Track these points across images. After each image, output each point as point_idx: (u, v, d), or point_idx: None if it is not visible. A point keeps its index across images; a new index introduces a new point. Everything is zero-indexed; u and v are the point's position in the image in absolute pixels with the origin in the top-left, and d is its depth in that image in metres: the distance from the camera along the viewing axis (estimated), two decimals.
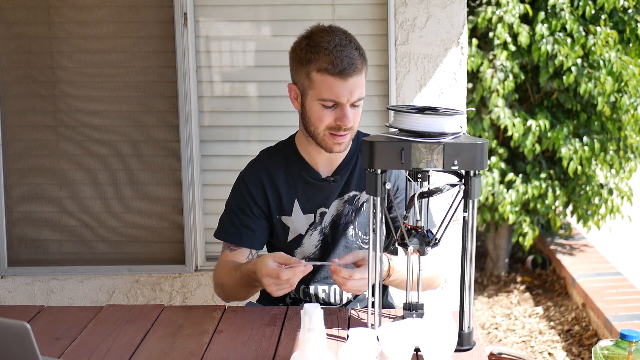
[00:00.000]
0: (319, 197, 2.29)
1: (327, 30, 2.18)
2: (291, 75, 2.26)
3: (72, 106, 3.52)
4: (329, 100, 2.14)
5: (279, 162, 2.32)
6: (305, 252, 2.33)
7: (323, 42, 2.13)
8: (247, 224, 2.29)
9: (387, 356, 1.65)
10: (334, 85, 2.12)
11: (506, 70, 4.28)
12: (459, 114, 1.84)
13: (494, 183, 4.44)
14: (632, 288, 4.27)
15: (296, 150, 2.32)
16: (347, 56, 2.11)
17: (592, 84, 4.18)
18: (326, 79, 2.12)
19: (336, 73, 2.10)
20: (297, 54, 2.21)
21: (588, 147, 4.38)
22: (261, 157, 2.37)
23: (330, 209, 2.29)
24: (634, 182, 4.99)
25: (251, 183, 2.31)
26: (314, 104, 2.17)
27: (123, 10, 3.48)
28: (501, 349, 3.12)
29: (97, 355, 1.86)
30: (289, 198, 2.29)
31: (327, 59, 2.11)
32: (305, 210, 2.29)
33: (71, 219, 3.58)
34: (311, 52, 2.15)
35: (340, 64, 2.10)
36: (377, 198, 1.83)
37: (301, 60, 2.18)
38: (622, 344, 1.67)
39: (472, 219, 1.82)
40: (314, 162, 2.29)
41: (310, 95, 2.17)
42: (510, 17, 4.23)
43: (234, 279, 2.18)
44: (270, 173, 2.30)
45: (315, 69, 2.13)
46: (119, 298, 3.57)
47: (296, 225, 2.30)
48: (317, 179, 2.29)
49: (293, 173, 2.30)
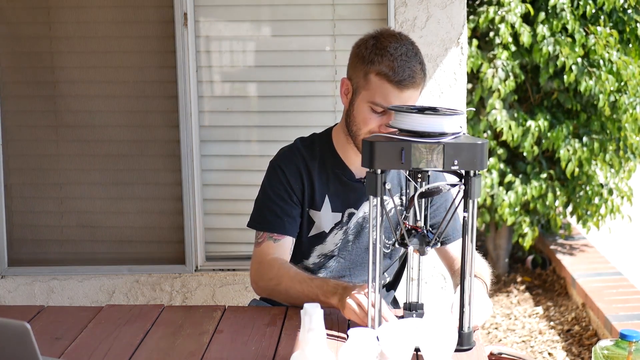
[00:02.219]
0: (350, 197, 2.26)
1: (396, 37, 2.14)
2: (348, 70, 2.21)
3: (72, 106, 3.52)
4: (380, 105, 2.11)
5: (315, 155, 2.27)
6: (325, 250, 2.30)
7: (390, 48, 2.10)
8: (288, 212, 2.23)
9: (387, 356, 1.65)
10: (390, 92, 2.09)
11: (507, 70, 4.28)
12: (459, 114, 1.84)
13: (492, 184, 4.43)
14: (632, 288, 4.26)
15: (332, 146, 2.28)
16: (410, 68, 2.08)
17: (592, 82, 4.18)
18: (383, 84, 2.09)
19: (395, 81, 2.08)
20: (361, 50, 2.16)
21: (588, 147, 4.38)
22: (296, 145, 2.31)
23: (358, 210, 2.27)
24: (634, 182, 4.99)
25: (289, 170, 2.25)
26: (363, 105, 2.14)
27: (123, 10, 3.48)
28: (501, 349, 3.12)
29: (97, 355, 1.86)
30: (321, 193, 2.25)
31: (390, 65, 2.08)
32: (335, 208, 2.26)
33: (71, 219, 3.58)
34: (375, 54, 2.11)
35: (402, 74, 2.07)
36: (376, 198, 1.83)
37: (363, 59, 2.13)
38: (622, 344, 1.67)
39: (472, 219, 1.82)
40: (349, 162, 2.26)
41: (363, 95, 2.14)
42: (512, 16, 4.23)
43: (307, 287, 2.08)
44: (307, 163, 2.26)
45: (376, 71, 2.10)
46: (119, 298, 3.57)
47: (322, 222, 2.27)
48: (351, 179, 2.26)
49: (327, 169, 2.26)
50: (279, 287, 2.15)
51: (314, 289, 2.06)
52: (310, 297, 2.05)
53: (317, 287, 2.06)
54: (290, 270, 2.17)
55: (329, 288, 2.03)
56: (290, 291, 2.12)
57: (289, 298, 2.14)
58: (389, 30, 2.19)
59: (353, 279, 2.32)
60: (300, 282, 2.11)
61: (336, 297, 1.99)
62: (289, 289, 2.12)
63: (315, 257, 2.32)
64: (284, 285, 2.13)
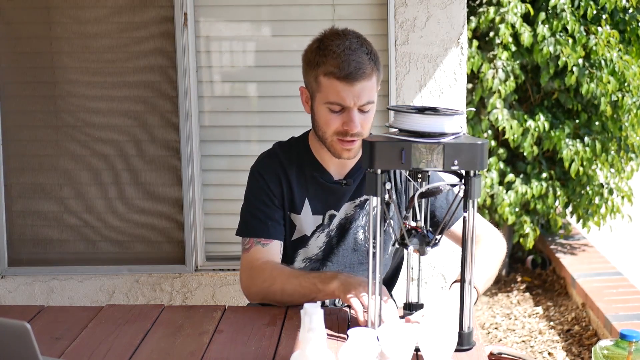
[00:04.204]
0: (330, 199, 2.27)
1: (339, 34, 2.15)
2: (303, 78, 2.23)
3: (72, 106, 3.52)
4: (336, 104, 2.12)
5: (293, 159, 2.29)
6: (309, 253, 2.31)
7: (332, 46, 2.11)
8: (271, 216, 2.24)
9: (387, 356, 1.65)
10: (341, 89, 2.10)
11: (507, 70, 4.28)
12: (459, 114, 1.84)
13: (492, 184, 4.43)
14: (632, 288, 4.26)
15: (309, 150, 2.29)
16: (355, 60, 2.09)
17: (594, 84, 4.18)
18: (332, 82, 2.11)
19: (342, 77, 2.09)
20: (307, 56, 2.18)
21: (589, 147, 4.38)
22: (275, 150, 2.33)
23: (339, 212, 2.28)
24: (634, 182, 4.98)
25: (268, 176, 2.26)
26: (321, 108, 2.16)
27: (123, 11, 3.48)
28: (501, 349, 3.11)
29: (97, 355, 1.86)
30: (301, 196, 2.26)
31: (334, 63, 2.09)
32: (315, 211, 2.27)
33: (71, 219, 3.58)
34: (320, 56, 2.13)
35: (347, 68, 2.08)
36: (377, 198, 1.83)
37: (310, 64, 2.16)
38: (622, 343, 1.67)
39: (472, 219, 1.82)
40: (326, 164, 2.27)
41: (318, 98, 2.16)
42: (512, 16, 4.23)
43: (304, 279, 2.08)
44: (285, 168, 2.27)
45: (323, 72, 2.12)
46: (119, 298, 3.57)
47: (303, 225, 2.28)
48: (329, 181, 2.27)
49: (305, 173, 2.27)
50: (273, 287, 2.14)
51: (311, 279, 2.07)
52: (307, 288, 2.06)
53: (314, 277, 2.07)
54: (284, 269, 2.17)
55: (327, 275, 2.05)
56: (286, 288, 2.11)
57: (284, 296, 2.13)
58: (332, 30, 2.19)
59: None
60: (296, 276, 2.11)
61: (335, 282, 2.00)
62: (285, 286, 2.11)
63: (300, 262, 2.32)
64: (279, 284, 2.13)
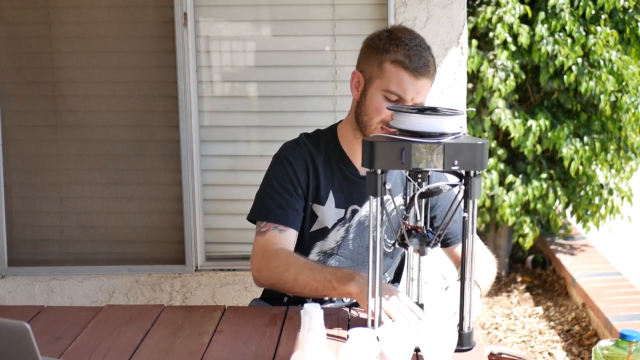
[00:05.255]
0: (354, 194, 2.26)
1: (409, 30, 2.20)
2: (359, 63, 2.23)
3: (72, 106, 3.52)
4: (395, 93, 2.13)
5: (320, 149, 2.27)
6: (325, 247, 2.29)
7: (404, 38, 2.14)
8: (292, 205, 2.22)
9: (387, 356, 1.65)
10: (405, 80, 2.12)
11: (507, 70, 4.28)
12: (459, 114, 1.84)
13: (492, 185, 4.43)
14: (632, 288, 4.26)
15: (338, 142, 2.28)
16: (424, 57, 2.13)
17: (593, 83, 4.18)
18: (399, 71, 2.12)
19: (411, 69, 2.11)
20: (374, 42, 2.18)
21: (589, 147, 4.38)
22: (302, 139, 2.31)
23: (361, 208, 2.27)
24: (634, 182, 4.99)
25: (296, 162, 2.24)
26: (377, 94, 2.16)
27: (123, 10, 3.48)
28: (501, 349, 3.11)
29: (97, 355, 1.86)
30: (326, 187, 2.25)
31: (405, 53, 2.11)
32: (339, 204, 2.26)
33: (71, 219, 3.58)
34: (390, 44, 2.14)
35: (417, 62, 2.11)
36: (376, 198, 1.83)
37: (378, 49, 2.16)
38: (622, 344, 1.67)
39: (472, 219, 1.82)
40: (354, 158, 2.27)
41: (377, 84, 2.16)
42: (510, 17, 4.23)
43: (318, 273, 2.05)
44: (313, 157, 2.26)
45: (391, 59, 2.13)
46: (119, 298, 3.57)
47: (325, 217, 2.26)
48: (355, 175, 2.26)
49: (332, 164, 2.26)
50: (285, 274, 2.10)
51: (326, 275, 2.03)
52: (321, 284, 2.03)
53: (330, 273, 2.03)
54: (299, 258, 2.13)
55: (344, 274, 2.01)
56: (299, 278, 2.07)
57: (295, 286, 2.09)
58: (402, 26, 2.24)
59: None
60: (310, 268, 2.07)
61: (353, 284, 1.97)
62: (298, 275, 2.07)
63: (315, 254, 2.30)
64: (293, 272, 2.08)
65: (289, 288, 2.13)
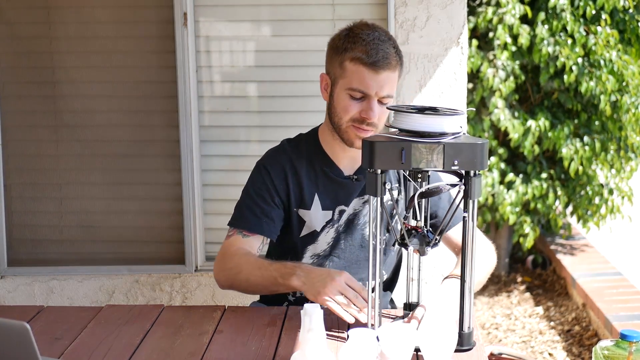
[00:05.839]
0: (340, 195, 2.27)
1: (369, 25, 2.19)
2: (325, 65, 2.25)
3: (72, 106, 3.52)
4: (358, 90, 2.13)
5: (302, 154, 2.29)
6: (317, 249, 2.30)
7: (362, 34, 2.14)
8: (267, 213, 2.24)
9: (387, 356, 1.65)
10: (366, 76, 2.12)
11: (507, 70, 4.28)
12: (459, 114, 1.84)
13: (493, 184, 4.43)
14: (632, 288, 4.26)
15: (319, 145, 2.29)
16: (383, 50, 2.12)
17: (593, 83, 4.18)
18: (358, 68, 2.12)
19: (369, 64, 2.11)
20: (335, 42, 2.20)
21: (589, 147, 4.38)
22: (283, 146, 2.33)
23: (348, 207, 2.28)
24: (634, 182, 4.99)
25: (274, 171, 2.26)
26: (342, 94, 2.17)
27: (123, 11, 3.48)
28: (501, 349, 3.11)
29: (97, 355, 1.86)
30: (310, 192, 2.26)
31: (362, 49, 2.12)
32: (325, 206, 2.27)
33: (71, 219, 3.58)
34: (348, 42, 2.15)
35: (375, 56, 2.10)
36: (376, 198, 1.82)
37: (337, 49, 2.18)
38: (623, 344, 1.67)
39: (472, 219, 1.82)
40: (337, 159, 2.27)
41: (340, 84, 2.17)
42: (510, 17, 4.23)
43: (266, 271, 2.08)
44: (293, 163, 2.27)
45: (350, 57, 2.14)
46: (119, 298, 3.57)
47: (313, 221, 2.27)
48: (339, 176, 2.27)
49: (315, 168, 2.27)
50: (239, 275, 2.15)
51: (272, 272, 2.07)
52: (269, 281, 2.07)
53: (275, 270, 2.07)
54: (251, 257, 2.17)
55: (287, 270, 2.05)
56: (250, 278, 2.12)
57: (249, 286, 2.14)
58: (362, 22, 2.22)
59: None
60: (259, 267, 2.11)
61: (295, 278, 2.01)
62: (249, 276, 2.12)
63: (308, 258, 2.32)
64: (245, 273, 2.14)
65: (244, 288, 2.18)
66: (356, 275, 2.31)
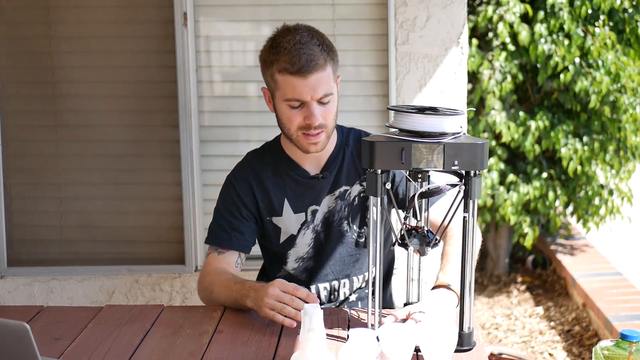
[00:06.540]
0: (309, 195, 2.28)
1: (290, 30, 2.16)
2: (263, 78, 2.25)
3: (72, 106, 3.52)
4: (294, 99, 2.12)
5: (267, 163, 2.31)
6: (299, 252, 2.32)
7: (283, 42, 2.12)
8: (236, 227, 2.27)
9: (387, 356, 1.65)
10: (295, 84, 2.10)
11: (504, 71, 4.28)
12: (459, 114, 1.84)
13: (493, 185, 4.43)
14: (632, 288, 4.26)
15: (282, 150, 2.31)
16: (306, 53, 2.08)
17: (587, 82, 4.18)
18: (287, 78, 2.11)
19: (295, 72, 2.09)
20: (262, 56, 2.20)
21: (588, 147, 4.38)
22: (247, 159, 2.36)
23: (321, 206, 2.28)
24: (634, 183, 4.99)
25: (239, 185, 2.30)
26: (282, 106, 2.16)
27: (123, 10, 3.48)
28: (501, 349, 3.11)
29: (97, 355, 1.86)
30: (279, 198, 2.28)
31: (286, 59, 2.09)
32: (296, 209, 2.28)
33: (71, 219, 3.58)
34: (272, 54, 2.14)
35: (298, 62, 2.08)
36: (377, 198, 1.82)
37: (265, 63, 2.18)
38: (623, 344, 1.67)
39: (472, 219, 1.82)
40: (301, 161, 2.28)
41: (278, 96, 2.17)
42: (511, 15, 4.23)
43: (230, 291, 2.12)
44: (258, 174, 2.29)
45: (277, 70, 2.13)
46: (119, 298, 3.57)
47: (287, 226, 2.29)
48: (305, 177, 2.28)
49: (281, 173, 2.29)
50: (212, 294, 2.19)
51: (234, 293, 2.10)
52: (233, 301, 2.11)
53: (236, 291, 2.09)
54: (222, 276, 2.19)
55: (244, 292, 2.06)
56: (220, 297, 2.16)
57: (222, 304, 2.17)
58: (284, 26, 2.19)
59: (339, 276, 2.32)
60: (226, 287, 2.14)
61: (248, 299, 2.03)
62: (219, 295, 2.16)
63: (292, 262, 2.34)
64: (216, 292, 2.17)
65: (220, 305, 2.19)
66: (342, 272, 2.32)
